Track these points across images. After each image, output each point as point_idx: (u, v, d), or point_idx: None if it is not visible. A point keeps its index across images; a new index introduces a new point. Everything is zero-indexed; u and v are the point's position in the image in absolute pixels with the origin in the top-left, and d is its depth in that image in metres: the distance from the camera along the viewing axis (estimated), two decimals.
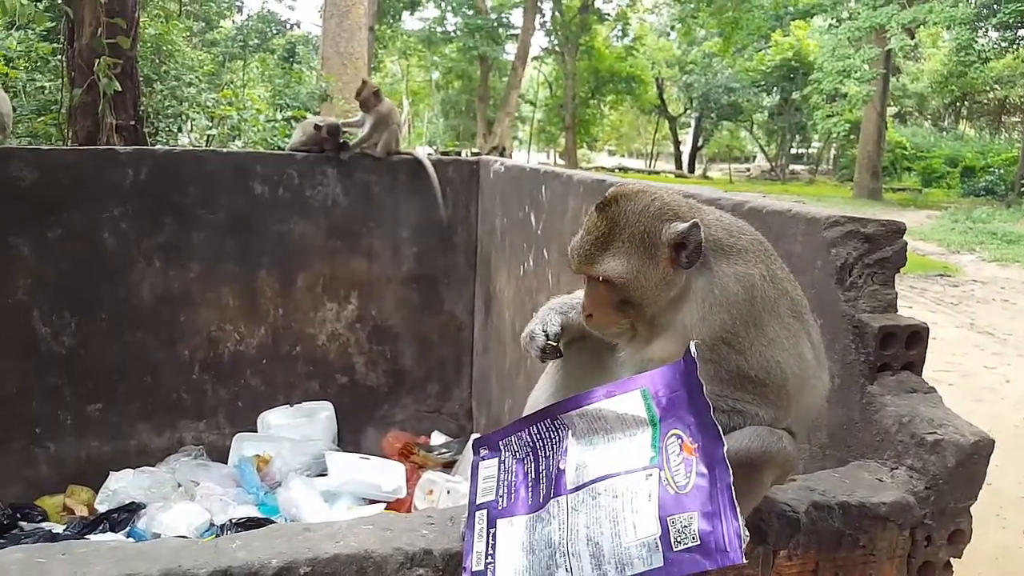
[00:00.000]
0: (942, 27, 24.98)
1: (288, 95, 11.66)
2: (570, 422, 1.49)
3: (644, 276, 1.53)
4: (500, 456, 1.60)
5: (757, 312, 1.54)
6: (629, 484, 1.35)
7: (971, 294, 12.07)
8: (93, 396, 5.27)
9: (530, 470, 1.53)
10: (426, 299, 5.94)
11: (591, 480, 1.40)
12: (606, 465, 1.40)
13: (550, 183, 4.35)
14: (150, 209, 5.21)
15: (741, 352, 1.52)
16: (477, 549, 1.51)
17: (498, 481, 1.58)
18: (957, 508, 1.85)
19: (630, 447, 1.40)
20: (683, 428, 1.36)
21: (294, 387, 5.76)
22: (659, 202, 1.58)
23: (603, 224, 1.56)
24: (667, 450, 1.35)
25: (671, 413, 1.38)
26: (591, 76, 40.22)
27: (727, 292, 1.53)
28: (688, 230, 1.50)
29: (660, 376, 1.42)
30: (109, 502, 4.82)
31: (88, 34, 6.18)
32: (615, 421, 1.43)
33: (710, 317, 1.53)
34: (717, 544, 1.26)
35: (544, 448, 1.52)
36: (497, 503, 1.55)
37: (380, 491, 4.84)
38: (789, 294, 1.63)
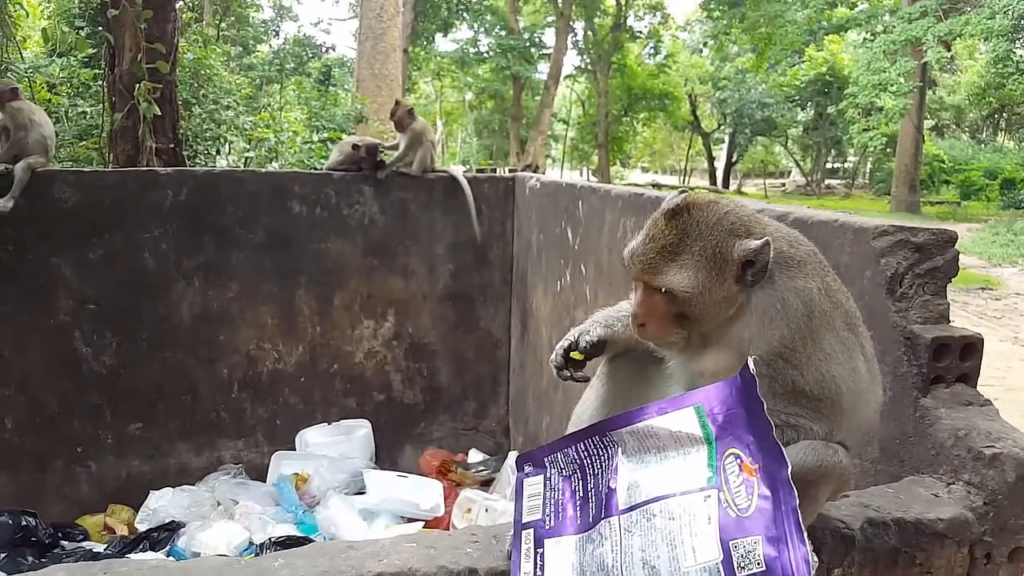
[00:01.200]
0: (979, 39, 24.55)
1: (324, 117, 11.84)
2: (620, 439, 1.44)
3: (708, 292, 1.47)
4: (546, 473, 1.55)
5: (815, 326, 1.49)
6: (686, 506, 1.30)
7: (1014, 307, 11.76)
8: (133, 415, 5.34)
9: (578, 488, 1.49)
10: (462, 316, 5.94)
11: (645, 501, 1.35)
12: (660, 485, 1.35)
13: (587, 198, 4.33)
14: (190, 229, 5.29)
15: (797, 367, 1.48)
16: (525, 569, 1.47)
17: (544, 499, 1.53)
18: (1018, 524, 1.77)
19: (685, 466, 1.34)
20: (742, 448, 1.30)
21: (332, 405, 5.78)
22: (732, 216, 1.52)
23: (672, 233, 1.49)
24: (725, 470, 1.30)
25: (728, 432, 1.32)
26: (624, 94, 40.27)
27: (787, 306, 1.48)
28: (760, 248, 1.45)
29: (716, 392, 1.36)
30: (149, 521, 4.87)
31: (128, 60, 6.34)
32: (668, 439, 1.38)
33: (769, 331, 1.48)
34: (784, 570, 1.21)
35: (592, 466, 1.48)
36: (544, 522, 1.50)
37: (418, 509, 4.82)
38: (843, 306, 1.58)
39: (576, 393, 4.40)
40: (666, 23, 40.57)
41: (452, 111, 46.14)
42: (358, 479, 5.20)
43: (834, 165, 45.47)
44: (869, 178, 42.61)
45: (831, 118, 36.15)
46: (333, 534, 4.59)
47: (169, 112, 6.57)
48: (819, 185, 40.00)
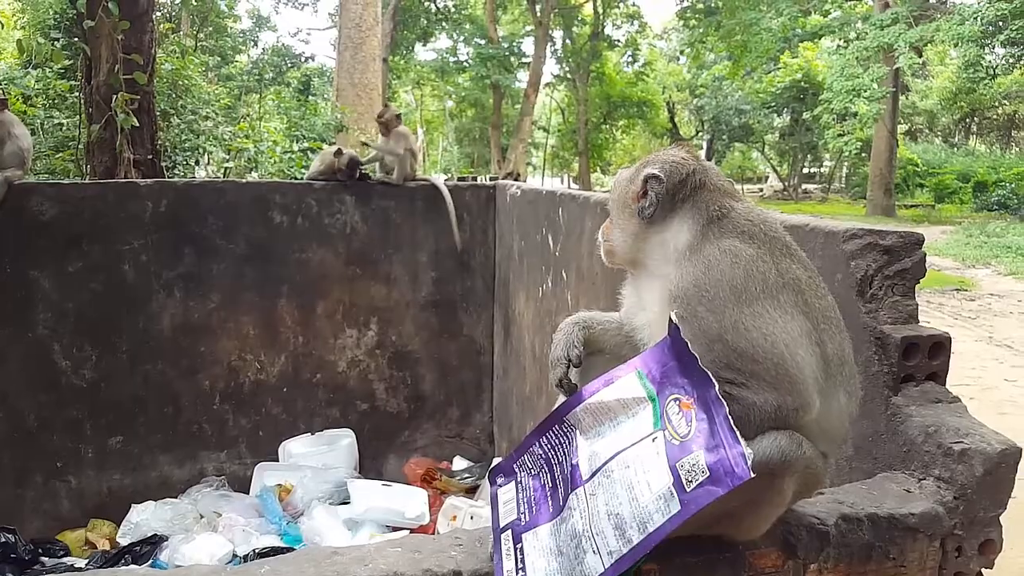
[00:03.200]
0: (949, 45, 24.94)
1: (304, 127, 11.83)
2: (576, 420, 1.53)
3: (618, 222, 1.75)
4: (516, 478, 1.62)
5: (738, 278, 1.51)
6: (638, 452, 1.39)
7: (988, 307, 11.95)
8: (114, 428, 5.31)
9: (546, 481, 1.56)
10: (445, 324, 5.97)
11: (603, 463, 1.44)
12: (614, 446, 1.44)
13: (567, 205, 4.38)
14: (170, 241, 5.28)
15: (712, 311, 1.49)
16: (507, 567, 1.51)
17: (518, 501, 1.59)
18: (987, 517, 1.82)
19: (633, 424, 1.44)
20: (678, 390, 1.40)
21: (315, 415, 5.78)
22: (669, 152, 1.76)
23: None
24: (667, 413, 1.40)
25: (666, 384, 1.42)
26: (603, 101, 40.50)
27: (704, 253, 1.57)
28: (648, 177, 1.67)
29: (650, 355, 1.47)
30: (131, 535, 4.84)
31: (105, 71, 6.32)
32: (617, 407, 1.47)
33: (685, 272, 1.57)
34: (724, 468, 1.29)
35: (557, 455, 1.55)
36: (520, 520, 1.55)
37: (403, 518, 4.83)
38: (803, 294, 1.57)
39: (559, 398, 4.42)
40: (643, 32, 40.87)
41: (433, 119, 46.16)
42: (342, 489, 5.19)
43: (810, 170, 45.99)
44: (845, 182, 43.12)
45: (807, 124, 36.55)
46: (318, 545, 4.58)
47: (147, 123, 6.56)
48: (796, 190, 40.42)
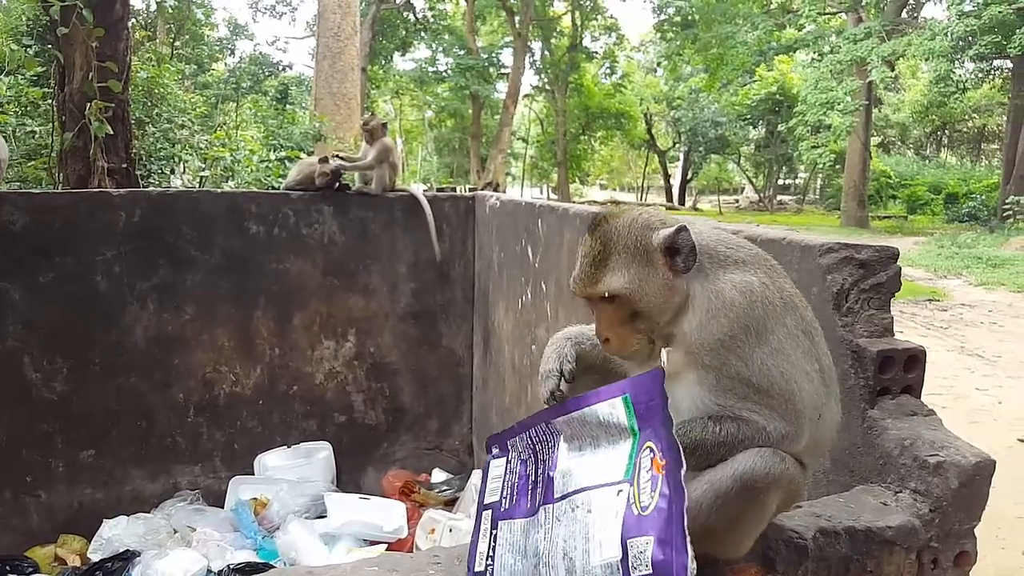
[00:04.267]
0: (921, 59, 25.44)
1: (281, 136, 11.76)
2: (560, 428, 1.52)
3: (646, 283, 1.54)
4: (508, 456, 1.63)
5: (758, 317, 1.54)
6: (603, 499, 1.37)
7: (960, 317, 12.14)
8: (85, 442, 5.21)
9: (531, 472, 1.56)
10: (424, 335, 5.94)
11: (573, 491, 1.42)
12: (587, 476, 1.42)
13: (546, 216, 4.38)
14: (143, 251, 5.20)
15: (741, 358, 1.51)
16: (480, 549, 1.56)
17: (503, 482, 1.60)
18: (962, 530, 1.84)
19: (611, 457, 1.41)
20: (656, 441, 1.36)
21: (291, 427, 5.71)
22: (646, 215, 1.62)
23: (597, 244, 1.58)
24: (640, 464, 1.36)
25: (648, 423, 1.38)
26: (581, 113, 40.78)
27: (723, 297, 1.54)
28: (676, 233, 1.53)
29: (640, 384, 1.43)
30: (103, 551, 4.74)
31: (79, 78, 6.24)
32: (599, 429, 1.44)
33: (708, 323, 1.53)
34: (667, 574, 1.25)
35: (542, 451, 1.55)
36: (501, 504, 1.58)
37: (381, 531, 4.78)
38: (799, 310, 1.62)
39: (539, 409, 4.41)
40: (621, 44, 41.25)
41: (412, 129, 46.18)
42: (319, 503, 5.14)
43: (785, 181, 46.58)
44: (819, 194, 43.73)
45: (781, 136, 37.07)
46: (294, 559, 4.53)
47: (121, 131, 6.48)
48: (771, 201, 40.91)
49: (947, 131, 44.73)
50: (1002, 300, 13.74)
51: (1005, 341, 10.40)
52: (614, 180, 60.21)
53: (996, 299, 13.87)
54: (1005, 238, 21.47)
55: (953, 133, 44.94)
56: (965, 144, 45.46)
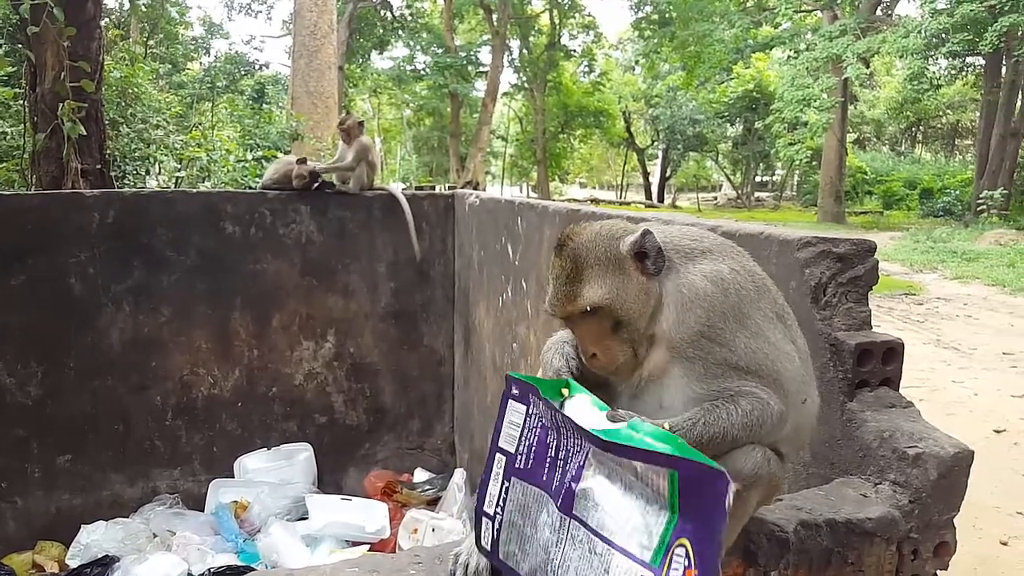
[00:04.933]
0: (895, 56, 25.76)
1: (258, 135, 11.65)
2: (588, 443, 1.39)
3: (623, 290, 1.53)
4: (528, 409, 1.52)
5: (733, 304, 1.54)
6: (623, 570, 1.28)
7: (935, 311, 12.30)
8: (62, 447, 5.13)
9: (551, 445, 1.46)
10: (405, 334, 5.91)
11: (594, 528, 1.33)
12: (613, 522, 1.32)
13: (525, 214, 4.38)
14: (118, 252, 5.14)
15: (724, 344, 1.52)
16: (491, 491, 1.53)
17: (521, 435, 1.52)
18: (941, 520, 1.85)
19: (641, 521, 1.29)
20: (694, 547, 1.23)
21: (271, 429, 5.67)
22: (607, 226, 1.62)
23: (567, 263, 1.58)
24: (671, 561, 1.24)
25: (690, 512, 1.25)
26: (560, 111, 40.82)
27: (695, 288, 1.54)
28: (642, 237, 1.54)
29: (694, 468, 1.26)
30: (81, 557, 4.67)
31: (51, 78, 6.13)
32: (634, 476, 1.31)
33: (684, 315, 1.54)
34: None
35: (567, 439, 1.44)
36: (516, 459, 1.51)
37: (363, 532, 4.75)
38: (771, 293, 1.63)
39: None
40: (599, 42, 41.32)
41: (390, 128, 46.00)
42: (300, 505, 5.10)
43: (763, 178, 46.99)
44: (796, 190, 44.13)
45: (759, 133, 37.37)
46: (275, 562, 4.49)
47: (95, 132, 6.38)
48: (749, 198, 41.23)
49: (921, 127, 45.32)
50: (977, 293, 13.95)
51: (980, 334, 10.56)
52: (594, 178, 60.38)
53: (971, 292, 14.08)
54: (979, 232, 21.80)
55: (927, 129, 45.54)
56: (939, 140, 46.09)
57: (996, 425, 6.78)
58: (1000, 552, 4.70)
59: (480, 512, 1.55)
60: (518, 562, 1.46)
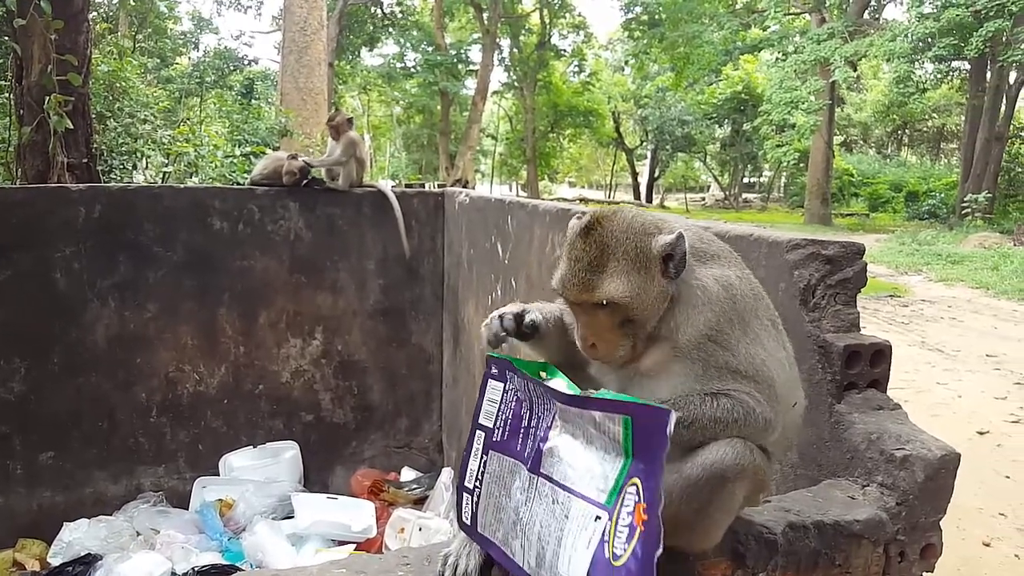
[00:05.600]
0: (882, 60, 25.94)
1: (247, 131, 11.57)
2: (560, 408, 1.46)
3: (644, 291, 1.51)
4: (506, 386, 1.57)
5: (739, 310, 1.56)
6: (580, 514, 1.34)
7: (920, 313, 12.39)
8: (45, 444, 5.09)
9: (524, 416, 1.52)
10: (393, 332, 5.89)
11: (558, 481, 1.40)
12: (574, 472, 1.39)
13: (515, 213, 4.37)
14: (104, 248, 5.09)
15: (728, 348, 1.53)
16: (472, 466, 1.57)
17: (498, 411, 1.57)
18: (928, 523, 1.86)
19: (600, 466, 1.37)
20: (644, 484, 1.29)
21: (257, 427, 5.64)
22: (640, 219, 1.59)
23: (593, 249, 1.53)
24: (623, 500, 1.30)
25: (644, 457, 1.31)
26: (550, 110, 40.86)
27: (707, 292, 1.55)
28: (676, 240, 1.52)
29: (646, 412, 1.33)
30: (63, 555, 4.63)
31: (37, 71, 6.07)
32: (594, 428, 1.38)
33: (694, 316, 1.54)
34: None
35: (538, 407, 1.50)
36: (494, 433, 1.56)
37: (349, 531, 4.73)
38: (764, 300, 1.67)
39: None
40: (589, 42, 41.40)
41: (380, 125, 45.86)
42: (286, 503, 5.08)
43: (750, 179, 47.18)
44: (783, 192, 44.34)
45: (747, 135, 37.51)
46: (261, 561, 4.46)
47: (82, 126, 6.31)
48: (737, 199, 41.41)
49: (907, 130, 45.65)
50: (961, 296, 14.07)
51: (964, 336, 10.65)
52: (582, 178, 60.45)
53: (955, 295, 14.20)
54: (964, 235, 21.99)
55: (913, 132, 45.87)
56: (925, 143, 46.43)
57: (979, 427, 6.84)
58: (983, 553, 4.75)
59: (461, 488, 1.58)
60: (494, 532, 1.50)
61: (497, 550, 1.49)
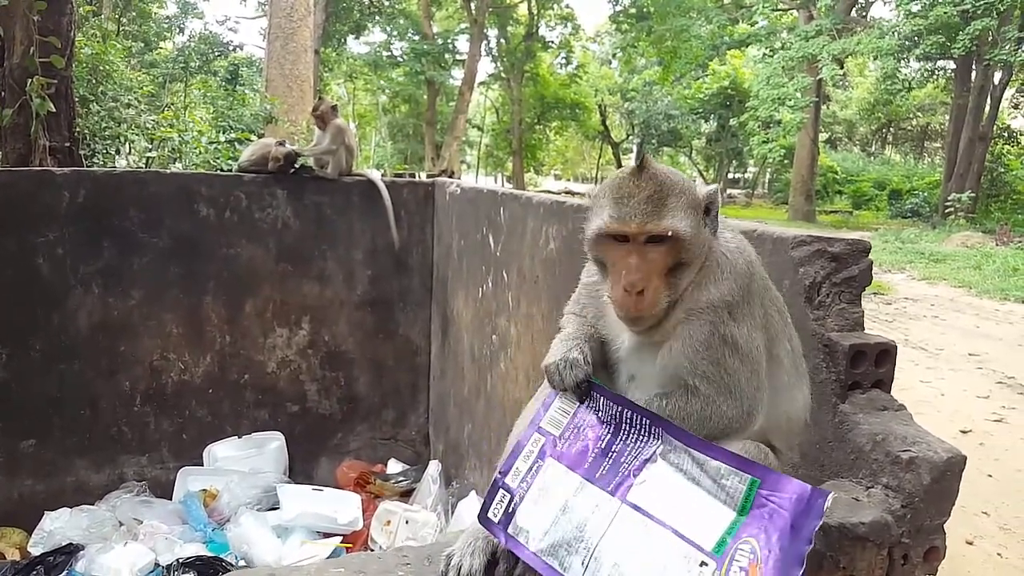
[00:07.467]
0: (869, 58, 26.05)
1: (231, 117, 11.41)
2: (668, 443, 1.43)
3: (697, 232, 1.50)
4: (588, 402, 1.54)
5: (754, 288, 1.57)
6: (682, 553, 1.29)
7: (903, 311, 12.48)
8: (26, 431, 5.00)
9: (604, 439, 1.48)
10: (381, 323, 5.84)
11: (650, 514, 1.35)
12: (673, 509, 1.34)
13: (508, 205, 4.32)
14: (88, 233, 5.00)
15: (737, 320, 1.53)
16: (518, 466, 1.51)
17: (570, 421, 1.52)
18: (932, 525, 1.85)
19: (705, 515, 1.32)
20: (762, 546, 1.26)
21: (242, 417, 5.57)
22: (676, 171, 1.62)
23: (649, 184, 1.49)
24: (734, 555, 1.26)
25: (762, 521, 1.29)
26: (536, 102, 40.74)
27: (732, 263, 1.56)
28: (715, 193, 1.55)
29: (778, 482, 1.32)
30: (44, 544, 4.56)
31: (20, 53, 5.93)
32: (707, 477, 1.36)
33: (720, 280, 1.54)
34: None
35: (629, 436, 1.46)
36: (557, 441, 1.51)
37: (335, 523, 4.68)
38: (773, 289, 1.69)
39: (499, 400, 4.37)
40: (577, 34, 41.26)
41: (365, 114, 45.53)
42: (271, 494, 5.02)
43: (735, 175, 47.33)
44: (768, 188, 44.53)
45: (733, 130, 37.60)
46: (245, 553, 4.41)
47: (65, 109, 6.19)
48: (721, 194, 41.47)
49: (892, 129, 45.99)
50: (944, 294, 14.19)
51: (947, 334, 10.74)
52: (568, 170, 60.41)
53: (938, 293, 14.32)
54: (947, 234, 22.18)
55: (898, 131, 46.21)
56: (909, 142, 46.78)
57: (962, 426, 6.89)
58: (966, 551, 4.78)
59: (500, 484, 1.51)
60: (530, 539, 1.44)
61: (531, 555, 1.42)
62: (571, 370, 1.54)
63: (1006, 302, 13.28)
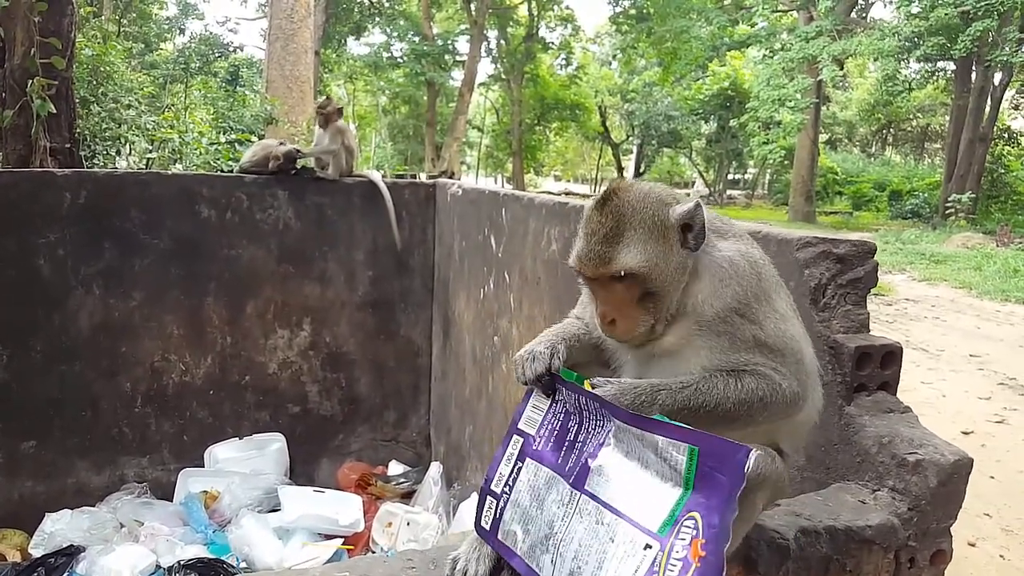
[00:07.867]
0: (869, 59, 26.05)
1: (232, 118, 11.41)
2: (612, 423, 1.42)
3: (663, 261, 1.47)
4: (555, 397, 1.54)
5: (765, 287, 1.54)
6: (628, 540, 1.29)
7: (904, 312, 12.46)
8: (27, 432, 4.99)
9: (572, 430, 1.48)
10: (382, 324, 5.83)
11: (604, 502, 1.35)
12: (623, 494, 1.34)
13: (510, 206, 4.32)
14: (89, 234, 4.99)
15: (755, 322, 1.50)
16: (502, 471, 1.53)
17: (544, 419, 1.53)
18: (939, 529, 1.84)
19: (654, 492, 1.32)
20: (704, 519, 1.25)
21: (243, 419, 5.56)
22: (657, 190, 1.56)
23: (608, 220, 1.49)
24: (679, 531, 1.26)
25: (706, 491, 1.27)
26: (536, 103, 40.72)
27: (734, 265, 1.52)
28: (694, 210, 1.48)
29: (716, 445, 1.30)
30: (45, 546, 4.55)
31: (20, 54, 5.93)
32: (653, 454, 1.34)
33: (721, 289, 1.50)
34: None
35: (588, 422, 1.46)
36: (534, 440, 1.52)
37: (337, 525, 4.67)
38: (784, 286, 1.66)
39: (501, 401, 4.35)
40: (577, 35, 41.23)
41: (365, 115, 45.52)
42: (272, 496, 5.01)
43: (735, 176, 47.29)
44: (768, 189, 44.51)
45: (733, 131, 37.57)
46: (247, 555, 4.40)
47: (65, 110, 6.18)
48: (721, 195, 41.49)
49: (892, 130, 45.99)
50: (944, 295, 14.18)
51: (948, 335, 10.73)
52: (568, 171, 60.40)
53: (939, 294, 14.31)
54: (947, 235, 22.17)
55: (898, 132, 46.21)
56: (909, 143, 46.78)
57: (964, 427, 6.88)
58: (969, 553, 4.77)
59: (486, 491, 1.53)
60: (516, 542, 1.45)
61: (519, 560, 1.43)
62: (532, 363, 1.54)
63: (1007, 303, 13.27)
